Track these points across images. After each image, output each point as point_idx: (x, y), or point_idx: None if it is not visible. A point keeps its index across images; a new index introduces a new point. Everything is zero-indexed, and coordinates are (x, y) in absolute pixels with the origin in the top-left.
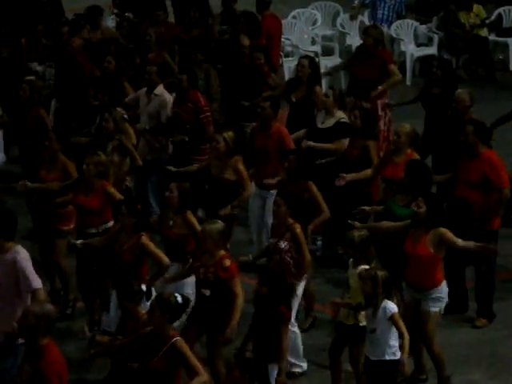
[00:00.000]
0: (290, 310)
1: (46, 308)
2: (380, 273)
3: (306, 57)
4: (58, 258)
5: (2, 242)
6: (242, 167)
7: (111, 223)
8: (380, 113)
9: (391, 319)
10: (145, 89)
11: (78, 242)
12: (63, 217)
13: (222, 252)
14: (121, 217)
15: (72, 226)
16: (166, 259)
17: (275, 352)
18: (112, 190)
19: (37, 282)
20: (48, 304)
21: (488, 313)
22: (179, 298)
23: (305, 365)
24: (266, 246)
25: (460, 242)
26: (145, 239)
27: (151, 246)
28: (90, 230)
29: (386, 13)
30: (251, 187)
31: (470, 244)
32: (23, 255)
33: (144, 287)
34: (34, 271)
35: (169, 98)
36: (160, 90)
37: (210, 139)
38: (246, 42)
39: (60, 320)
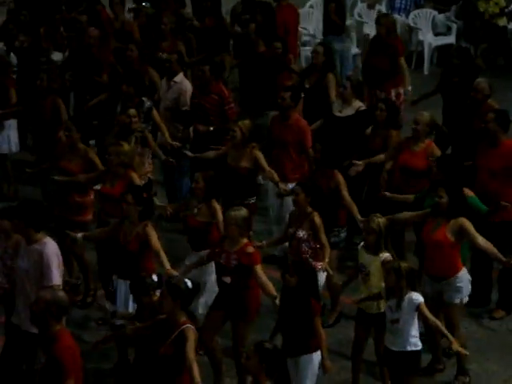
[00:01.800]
0: (319, 301)
1: (58, 294)
2: (403, 265)
3: (321, 44)
4: (78, 248)
5: (32, 233)
6: (258, 154)
7: None
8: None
9: (418, 309)
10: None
11: (79, 234)
12: (81, 207)
13: (245, 240)
14: (126, 206)
15: (90, 217)
16: (163, 254)
17: (308, 344)
18: (135, 176)
19: (56, 279)
20: (60, 291)
21: (507, 304)
22: (189, 283)
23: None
24: (283, 235)
25: (480, 240)
26: (150, 228)
27: (153, 236)
28: (111, 219)
29: (403, 2)
30: (270, 171)
31: (490, 249)
32: (51, 249)
33: (155, 277)
34: (57, 266)
35: (189, 85)
36: (180, 77)
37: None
38: (252, 27)
39: (80, 308)
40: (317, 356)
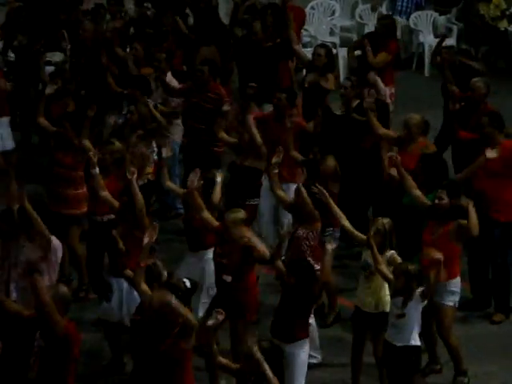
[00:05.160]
0: (319, 298)
1: (61, 290)
2: (411, 267)
3: (323, 45)
4: (72, 242)
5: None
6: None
7: None
8: (388, 101)
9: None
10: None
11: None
12: (75, 200)
13: (245, 239)
14: (122, 205)
15: (84, 210)
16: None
17: (297, 334)
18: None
19: (54, 276)
20: (62, 286)
21: (505, 307)
22: (188, 283)
23: (320, 356)
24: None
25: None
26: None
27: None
28: (97, 217)
29: (404, 4)
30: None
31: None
32: (55, 246)
33: (165, 272)
34: (57, 266)
35: (177, 85)
36: (169, 77)
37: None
38: (257, 27)
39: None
40: (304, 352)
